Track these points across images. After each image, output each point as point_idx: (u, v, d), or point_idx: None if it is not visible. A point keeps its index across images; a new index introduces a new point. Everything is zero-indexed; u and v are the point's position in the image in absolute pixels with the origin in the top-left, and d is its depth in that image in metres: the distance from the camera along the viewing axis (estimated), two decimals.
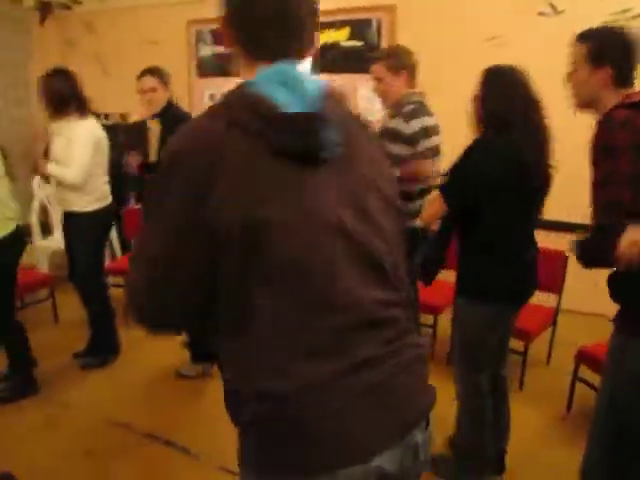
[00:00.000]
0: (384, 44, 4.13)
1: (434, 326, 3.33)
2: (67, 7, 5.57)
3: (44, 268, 4.30)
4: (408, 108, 2.59)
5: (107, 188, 3.17)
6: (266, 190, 0.94)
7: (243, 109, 0.96)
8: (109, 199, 3.19)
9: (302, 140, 0.96)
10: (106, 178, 3.17)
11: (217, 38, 4.76)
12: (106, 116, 5.14)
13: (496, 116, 1.97)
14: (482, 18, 3.86)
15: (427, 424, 1.07)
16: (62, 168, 2.95)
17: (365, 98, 4.22)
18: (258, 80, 0.99)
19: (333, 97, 1.06)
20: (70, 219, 3.13)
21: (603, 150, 1.53)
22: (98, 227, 3.16)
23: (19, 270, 2.88)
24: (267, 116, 0.95)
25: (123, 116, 5.35)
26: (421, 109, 2.62)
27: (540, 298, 2.61)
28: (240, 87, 1.00)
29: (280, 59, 1.01)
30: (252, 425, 0.99)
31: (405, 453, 1.02)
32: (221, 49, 4.75)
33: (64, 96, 2.94)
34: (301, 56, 1.05)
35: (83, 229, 3.08)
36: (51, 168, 2.97)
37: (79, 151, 2.93)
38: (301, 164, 0.97)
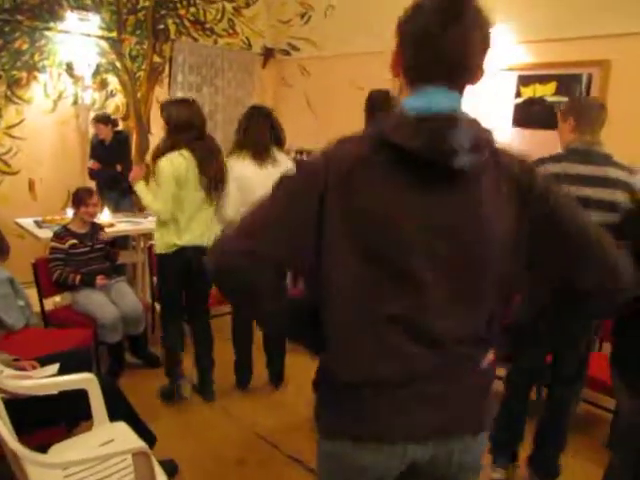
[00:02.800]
0: None
1: None
2: (287, 53, 6.16)
3: None
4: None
5: None
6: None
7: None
8: None
9: (427, 140, 0.99)
10: None
11: None
12: (309, 153, 5.55)
13: None
14: None
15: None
16: None
17: None
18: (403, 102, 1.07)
19: (477, 128, 1.08)
20: None
21: None
22: None
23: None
24: (396, 121, 1.03)
25: None
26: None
27: None
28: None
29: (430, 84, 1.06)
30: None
31: (438, 455, 1.14)
32: None
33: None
34: (454, 84, 1.07)
35: None
36: None
37: None
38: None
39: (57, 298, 3.93)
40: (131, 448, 1.84)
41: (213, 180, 3.04)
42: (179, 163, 2.94)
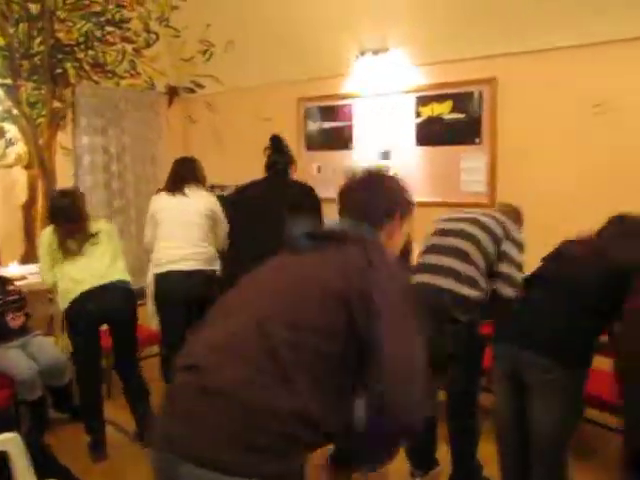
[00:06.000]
0: (485, 116, 4.22)
1: None
2: (191, 90, 6.18)
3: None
4: None
5: None
6: None
7: None
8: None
9: None
10: None
11: (322, 114, 5.07)
12: (222, 188, 5.54)
13: None
14: (587, 84, 3.83)
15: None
16: None
17: (467, 170, 4.31)
18: None
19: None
20: None
21: None
22: None
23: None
24: None
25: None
26: None
27: None
28: None
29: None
30: None
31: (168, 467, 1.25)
32: (326, 125, 5.04)
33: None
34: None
35: None
36: None
37: None
38: None
39: None
40: None
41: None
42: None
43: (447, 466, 2.83)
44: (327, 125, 5.04)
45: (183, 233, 3.40)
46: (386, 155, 4.64)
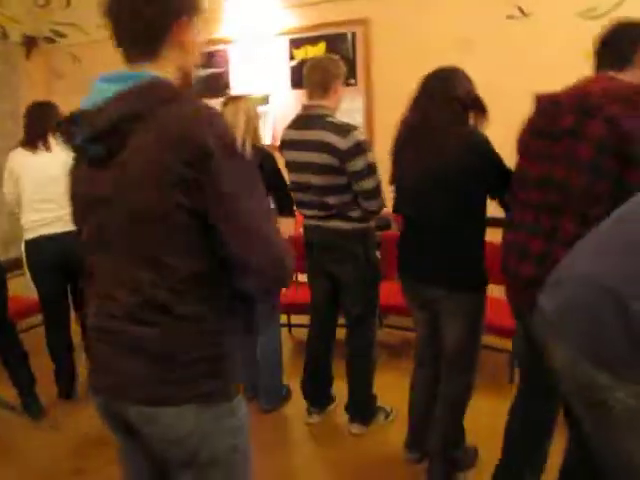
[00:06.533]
0: (360, 57, 4.24)
1: None
2: (52, 41, 5.70)
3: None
4: None
5: None
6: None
7: None
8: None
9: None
10: None
11: None
12: None
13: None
14: (452, 23, 3.95)
15: None
16: None
17: (343, 111, 4.30)
18: None
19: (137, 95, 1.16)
20: None
21: None
22: None
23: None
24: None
25: None
26: None
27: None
28: None
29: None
30: None
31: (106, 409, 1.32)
32: (202, 72, 4.86)
33: None
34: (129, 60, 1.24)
35: None
36: None
37: None
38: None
39: None
40: None
41: None
42: None
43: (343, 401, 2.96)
44: (203, 72, 4.85)
45: (51, 191, 3.15)
46: (264, 99, 4.57)
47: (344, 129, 2.51)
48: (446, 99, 2.17)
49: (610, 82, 1.75)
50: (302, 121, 2.68)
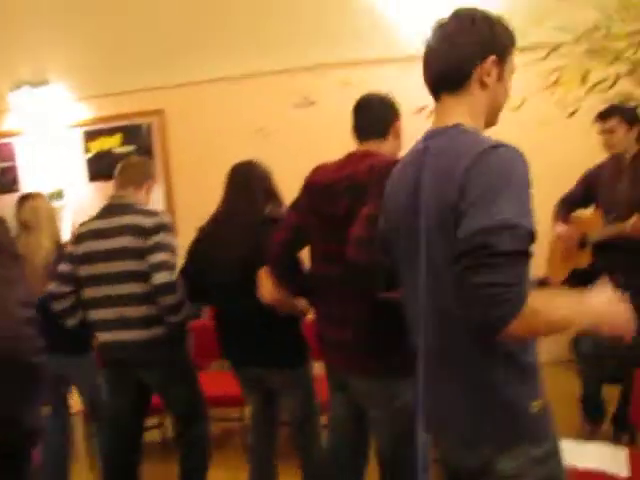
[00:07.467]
0: (157, 147, 4.27)
1: None
2: None
3: None
4: None
5: None
6: None
7: None
8: None
9: None
10: None
11: None
12: None
13: None
14: (245, 112, 4.18)
15: None
16: None
17: None
18: None
19: None
20: None
21: None
22: None
23: None
24: None
25: None
26: None
27: None
28: None
29: None
30: None
31: None
32: None
33: None
34: None
35: None
36: None
37: None
38: None
39: None
40: None
41: None
42: None
43: None
44: None
45: None
46: (59, 195, 4.36)
47: (151, 212, 2.46)
48: (245, 191, 2.30)
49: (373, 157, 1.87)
50: (107, 209, 2.54)
